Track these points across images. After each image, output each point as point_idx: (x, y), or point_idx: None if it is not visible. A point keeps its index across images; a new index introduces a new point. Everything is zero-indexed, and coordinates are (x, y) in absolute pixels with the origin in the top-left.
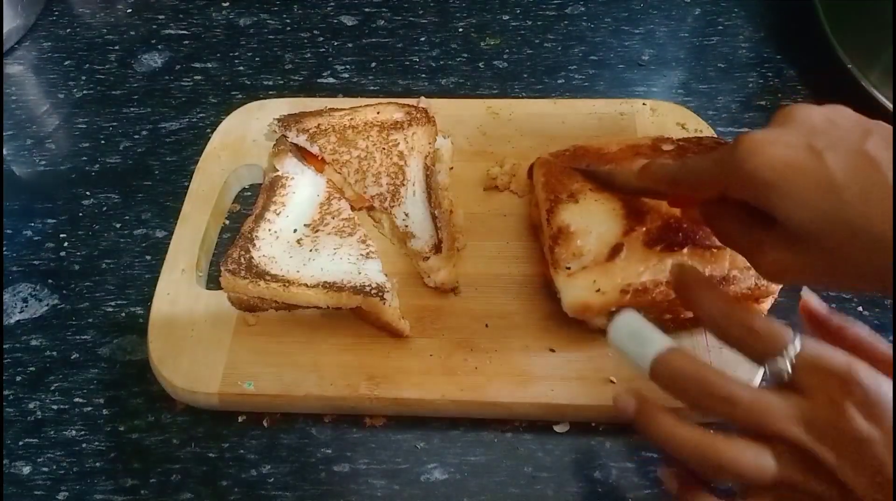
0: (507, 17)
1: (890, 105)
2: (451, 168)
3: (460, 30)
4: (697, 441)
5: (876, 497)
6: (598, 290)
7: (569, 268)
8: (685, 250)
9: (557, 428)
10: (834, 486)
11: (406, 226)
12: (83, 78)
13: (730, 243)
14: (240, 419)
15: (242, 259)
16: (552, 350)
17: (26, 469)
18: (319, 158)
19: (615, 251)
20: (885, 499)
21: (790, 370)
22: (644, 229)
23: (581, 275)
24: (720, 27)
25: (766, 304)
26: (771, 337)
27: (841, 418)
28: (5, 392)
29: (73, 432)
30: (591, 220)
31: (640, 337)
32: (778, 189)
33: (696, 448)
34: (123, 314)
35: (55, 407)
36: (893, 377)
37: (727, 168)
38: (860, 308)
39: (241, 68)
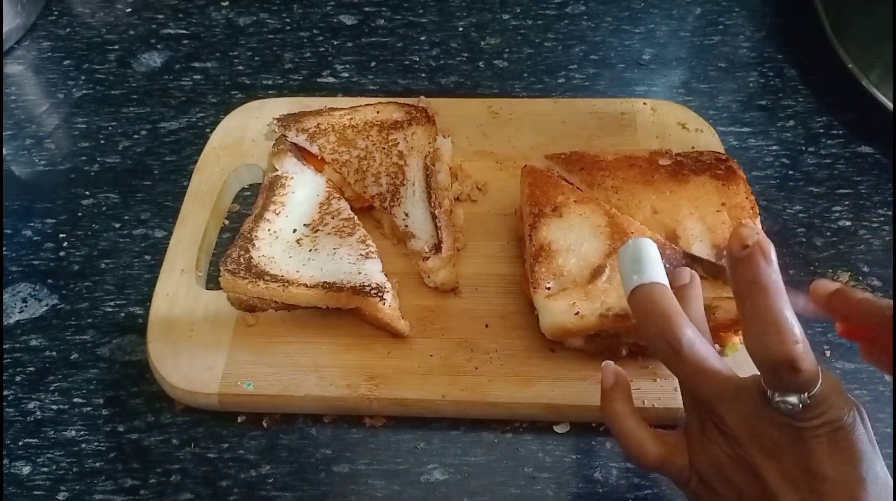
0: (508, 17)
1: (890, 105)
2: (451, 168)
3: (460, 29)
4: (629, 430)
5: None
6: (578, 313)
7: (549, 288)
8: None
9: (558, 429)
10: (752, 481)
11: (406, 226)
12: (82, 78)
13: None
14: (239, 420)
15: (242, 259)
16: (552, 350)
17: (26, 469)
18: (319, 157)
19: (597, 273)
20: None
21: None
22: None
23: (561, 296)
24: (721, 27)
25: None
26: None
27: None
28: (5, 392)
29: (73, 432)
30: (573, 237)
31: (639, 263)
32: None
33: (623, 436)
34: (123, 314)
35: (55, 407)
36: (893, 378)
37: None
38: None
39: (241, 68)
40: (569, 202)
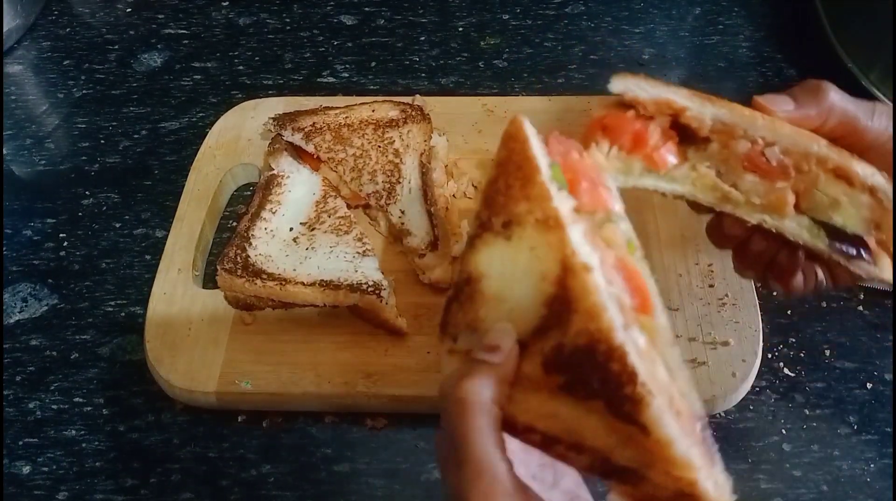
0: (507, 17)
1: (890, 105)
2: (446, 165)
3: (460, 29)
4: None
5: None
6: None
7: (455, 342)
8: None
9: None
10: None
11: (402, 223)
12: (83, 77)
13: None
14: (240, 419)
15: (239, 258)
16: None
17: (26, 469)
18: (315, 156)
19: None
20: None
21: None
22: (552, 342)
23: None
24: (720, 26)
25: None
26: None
27: None
28: (5, 392)
29: (73, 432)
30: (513, 278)
31: None
32: None
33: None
34: (123, 314)
35: (55, 407)
36: (893, 378)
37: None
38: (860, 308)
39: (241, 68)
40: (528, 221)
